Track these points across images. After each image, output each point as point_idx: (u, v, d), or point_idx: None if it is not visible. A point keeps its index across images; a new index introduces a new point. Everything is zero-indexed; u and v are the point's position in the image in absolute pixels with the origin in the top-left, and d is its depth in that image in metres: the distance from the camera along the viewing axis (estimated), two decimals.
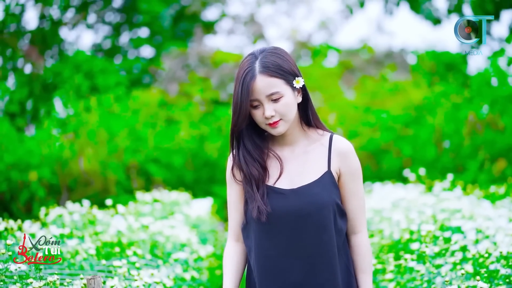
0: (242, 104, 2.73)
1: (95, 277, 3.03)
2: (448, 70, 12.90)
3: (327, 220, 2.75)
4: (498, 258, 3.88)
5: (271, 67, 2.75)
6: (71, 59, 14.10)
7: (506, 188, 7.08)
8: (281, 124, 2.77)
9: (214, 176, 12.34)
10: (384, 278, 4.73)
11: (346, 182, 2.83)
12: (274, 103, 2.74)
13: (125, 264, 4.19)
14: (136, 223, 5.40)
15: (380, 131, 11.61)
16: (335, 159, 2.82)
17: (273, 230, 2.78)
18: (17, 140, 10.81)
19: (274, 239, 2.77)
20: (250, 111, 2.78)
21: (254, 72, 2.74)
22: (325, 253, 2.77)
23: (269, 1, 18.43)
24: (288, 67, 2.78)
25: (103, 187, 10.60)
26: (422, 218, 5.13)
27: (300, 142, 2.88)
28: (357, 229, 2.87)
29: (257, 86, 2.73)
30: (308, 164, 2.84)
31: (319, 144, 2.86)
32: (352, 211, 2.85)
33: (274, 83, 2.74)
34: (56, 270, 3.93)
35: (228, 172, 2.92)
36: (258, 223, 2.78)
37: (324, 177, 2.80)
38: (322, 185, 2.79)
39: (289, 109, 2.76)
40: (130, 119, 11.78)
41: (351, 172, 2.83)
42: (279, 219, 2.76)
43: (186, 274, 5.01)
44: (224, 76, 14.94)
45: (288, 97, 2.76)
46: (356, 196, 2.85)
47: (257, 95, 2.74)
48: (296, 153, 2.86)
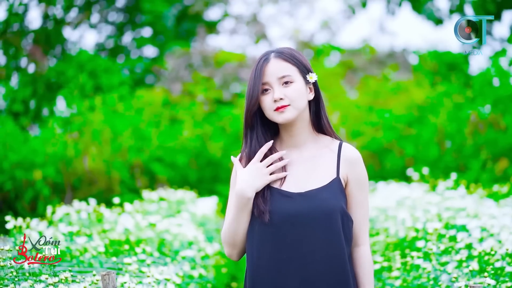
0: (255, 86, 2.74)
1: (110, 273, 3.08)
2: (450, 70, 12.96)
3: (336, 226, 2.69)
4: (503, 256, 3.91)
5: (286, 54, 2.78)
6: (74, 58, 14.15)
7: (509, 187, 7.12)
8: (288, 110, 2.73)
9: (218, 175, 12.40)
10: (390, 275, 4.77)
11: (353, 191, 2.78)
12: (284, 87, 2.74)
13: (135, 261, 4.23)
14: (143, 221, 5.45)
15: (383, 130, 11.64)
16: (344, 167, 2.78)
17: (277, 233, 2.69)
18: (21, 139, 10.88)
19: (278, 243, 2.69)
20: (260, 98, 2.76)
21: (269, 57, 2.78)
22: (335, 259, 2.68)
23: (272, 1, 18.49)
24: (303, 60, 2.81)
25: (107, 186, 10.65)
26: (427, 216, 5.17)
27: (309, 146, 2.83)
28: (360, 240, 2.80)
29: (270, 68, 2.75)
30: (316, 169, 2.78)
31: (328, 150, 2.82)
32: (357, 222, 2.79)
33: (287, 67, 2.76)
34: (65, 267, 3.98)
35: (234, 173, 2.86)
36: (262, 226, 2.71)
37: (333, 183, 2.75)
38: (330, 190, 2.73)
39: (299, 96, 2.75)
40: (134, 118, 11.82)
41: (358, 181, 2.79)
42: (285, 222, 2.68)
43: (194, 271, 5.06)
44: (227, 75, 14.99)
45: (300, 84, 2.76)
46: (362, 206, 2.79)
47: (269, 77, 2.74)
48: (304, 157, 2.81)
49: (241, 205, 2.73)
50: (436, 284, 4.13)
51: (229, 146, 12.64)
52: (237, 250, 2.82)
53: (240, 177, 2.75)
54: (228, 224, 2.79)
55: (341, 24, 18.60)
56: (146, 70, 18.50)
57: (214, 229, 7.67)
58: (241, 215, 2.74)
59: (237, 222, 2.76)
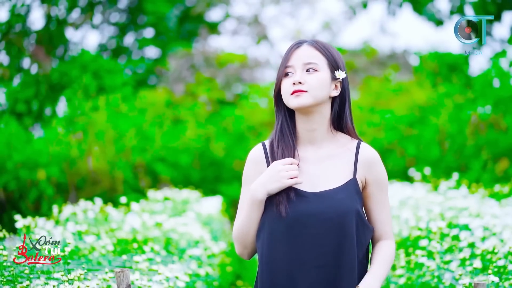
0: (281, 67, 2.70)
1: (124, 270, 3.11)
2: (451, 71, 13.00)
3: (350, 228, 2.61)
4: (506, 255, 3.95)
5: (320, 44, 2.72)
6: (77, 59, 14.21)
7: (510, 187, 7.17)
8: (304, 96, 2.64)
9: (220, 175, 12.48)
10: (394, 274, 4.84)
11: (373, 192, 2.72)
12: (307, 74, 2.66)
13: (144, 259, 4.29)
14: (150, 220, 5.52)
15: (385, 131, 11.70)
16: (361, 168, 2.71)
17: (290, 233, 2.61)
18: (25, 140, 10.94)
19: (290, 243, 2.61)
20: (282, 80, 2.70)
21: (302, 44, 2.73)
22: (345, 264, 2.61)
23: (273, 2, 18.55)
24: (336, 55, 2.73)
25: (111, 186, 10.71)
26: (430, 216, 5.23)
27: (326, 144, 2.73)
28: (387, 236, 2.75)
29: (299, 52, 2.69)
30: (332, 168, 2.69)
31: (346, 149, 2.73)
32: (381, 221, 2.74)
33: (317, 56, 2.69)
34: (74, 266, 4.04)
35: (245, 169, 2.78)
36: (273, 225, 2.63)
37: (349, 184, 2.67)
38: (346, 192, 2.65)
39: (320, 86, 2.66)
40: (137, 118, 11.88)
41: (378, 182, 2.72)
42: (298, 222, 2.60)
43: (201, 269, 5.13)
44: (230, 76, 15.07)
45: (324, 75, 2.68)
46: (384, 206, 2.74)
47: (294, 61, 2.68)
48: (319, 155, 2.72)
49: (253, 206, 2.66)
50: (440, 282, 4.19)
51: (232, 146, 12.73)
52: (248, 250, 2.76)
53: (257, 179, 2.67)
54: (240, 223, 2.72)
55: (342, 25, 18.67)
56: (148, 71, 18.55)
57: (219, 228, 7.74)
58: (253, 215, 2.67)
59: (248, 221, 2.69)
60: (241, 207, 2.74)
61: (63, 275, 3.32)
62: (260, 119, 13.35)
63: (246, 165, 2.77)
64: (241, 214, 2.72)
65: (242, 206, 2.74)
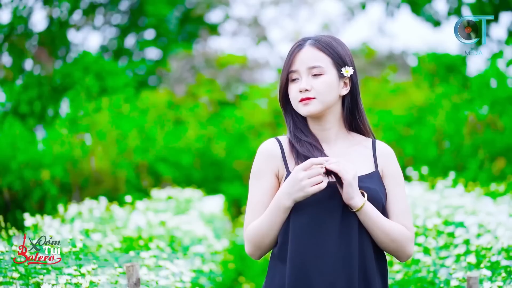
0: (283, 72, 2.60)
1: (134, 265, 3.24)
2: (448, 72, 13.08)
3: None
4: (499, 251, 4.07)
5: (322, 43, 2.58)
6: (79, 60, 14.32)
7: (506, 187, 7.27)
8: (313, 103, 2.55)
9: (221, 175, 12.60)
10: (392, 269, 4.94)
11: (391, 186, 2.63)
12: (313, 78, 2.55)
13: (150, 256, 4.43)
14: (155, 218, 5.66)
15: (383, 131, 11.78)
16: (381, 161, 2.64)
17: (315, 224, 2.51)
18: (28, 140, 11.06)
19: (315, 235, 2.50)
20: (288, 86, 2.60)
21: (303, 44, 2.59)
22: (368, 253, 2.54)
23: (273, 4, 18.66)
24: (341, 51, 2.60)
25: (113, 186, 10.83)
26: (427, 213, 5.31)
27: (340, 142, 2.65)
28: (407, 227, 2.62)
29: (301, 55, 2.57)
30: (352, 161, 2.59)
31: (362, 146, 2.66)
32: (398, 215, 2.61)
33: (320, 57, 2.57)
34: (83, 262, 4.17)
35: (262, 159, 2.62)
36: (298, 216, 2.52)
37: (373, 175, 2.61)
38: (372, 180, 2.58)
39: (327, 89, 2.55)
40: (139, 119, 12.01)
41: (394, 176, 2.64)
42: (323, 211, 2.51)
43: (205, 266, 5.27)
44: (230, 77, 15.19)
45: (330, 77, 2.57)
46: (402, 199, 2.63)
47: (298, 66, 2.56)
48: (335, 152, 2.61)
49: (279, 212, 2.52)
50: (436, 277, 4.29)
51: (232, 146, 12.86)
52: (262, 251, 2.62)
53: (281, 187, 2.52)
54: (259, 226, 2.56)
55: (341, 26, 18.77)
56: (149, 72, 18.66)
57: (221, 226, 7.88)
58: (277, 220, 2.54)
59: (270, 225, 2.54)
60: (253, 205, 2.61)
61: (76, 269, 3.43)
62: (260, 120, 13.47)
63: (257, 159, 2.63)
64: (260, 216, 2.58)
65: (254, 204, 2.61)
